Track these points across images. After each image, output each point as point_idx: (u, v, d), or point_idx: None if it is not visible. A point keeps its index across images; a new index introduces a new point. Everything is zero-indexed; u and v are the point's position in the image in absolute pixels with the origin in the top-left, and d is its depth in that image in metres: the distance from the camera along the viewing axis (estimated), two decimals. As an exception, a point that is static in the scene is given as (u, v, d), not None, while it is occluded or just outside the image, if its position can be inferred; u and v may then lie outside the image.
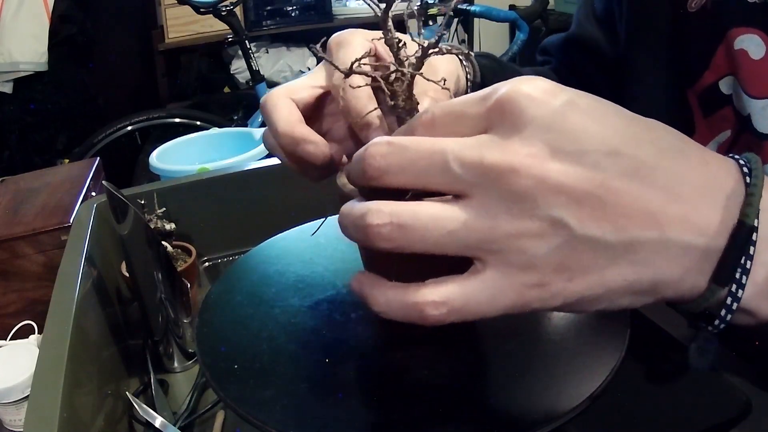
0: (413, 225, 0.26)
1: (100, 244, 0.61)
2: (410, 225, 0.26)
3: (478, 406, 0.31)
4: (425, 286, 0.26)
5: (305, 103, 0.39)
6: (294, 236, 0.49)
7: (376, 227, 0.26)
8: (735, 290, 0.26)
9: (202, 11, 1.95)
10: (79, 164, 0.98)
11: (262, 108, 0.39)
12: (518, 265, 0.25)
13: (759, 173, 0.27)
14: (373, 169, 0.26)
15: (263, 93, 2.10)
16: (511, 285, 0.26)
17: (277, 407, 0.32)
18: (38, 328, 0.66)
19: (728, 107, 0.50)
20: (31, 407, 0.38)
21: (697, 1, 0.51)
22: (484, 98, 0.27)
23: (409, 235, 0.26)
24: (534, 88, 0.26)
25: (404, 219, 0.26)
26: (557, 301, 0.26)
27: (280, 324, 0.38)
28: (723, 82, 0.50)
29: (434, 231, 0.26)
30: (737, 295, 0.26)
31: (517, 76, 0.27)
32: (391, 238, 0.26)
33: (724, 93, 0.50)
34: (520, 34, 2.11)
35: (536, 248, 0.25)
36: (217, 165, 1.01)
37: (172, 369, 0.60)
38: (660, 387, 0.42)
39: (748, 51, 0.48)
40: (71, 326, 0.45)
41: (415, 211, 0.26)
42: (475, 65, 0.55)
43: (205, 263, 0.75)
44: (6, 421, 0.57)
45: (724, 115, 0.51)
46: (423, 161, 0.26)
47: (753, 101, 0.48)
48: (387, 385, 0.34)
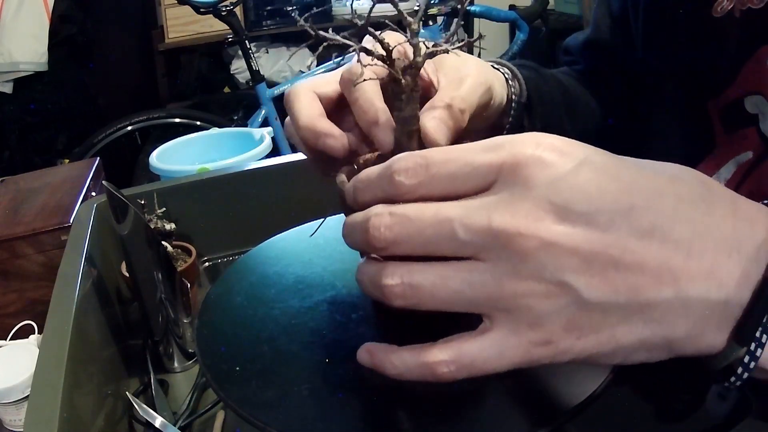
0: (423, 285, 0.26)
1: (100, 244, 0.61)
2: (420, 285, 0.26)
3: (479, 407, 0.31)
4: (435, 347, 0.27)
5: (328, 98, 0.39)
6: (294, 236, 0.49)
7: (389, 287, 0.27)
8: (754, 349, 0.25)
9: (202, 11, 1.95)
10: (79, 164, 0.98)
11: (286, 100, 0.39)
12: (526, 323, 0.26)
13: None
14: (379, 242, 0.27)
15: (263, 93, 2.10)
16: (519, 342, 0.26)
17: (278, 408, 0.32)
18: (38, 328, 0.66)
19: (752, 128, 0.47)
20: (31, 407, 0.38)
21: (723, 5, 0.47)
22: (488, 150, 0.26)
23: (419, 294, 0.27)
24: (546, 147, 0.25)
25: (415, 280, 0.26)
26: (566, 357, 0.26)
27: (280, 324, 0.38)
28: (748, 101, 0.46)
29: (442, 290, 0.26)
30: (755, 355, 0.25)
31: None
32: (404, 296, 0.27)
33: (749, 112, 0.47)
34: (520, 34, 2.11)
35: (543, 308, 0.25)
36: (217, 165, 1.01)
37: (172, 369, 0.60)
38: (660, 387, 0.42)
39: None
40: (71, 326, 0.45)
41: (424, 272, 0.26)
42: (522, 85, 0.51)
43: (205, 263, 0.75)
44: (6, 421, 0.57)
45: (747, 136, 0.47)
46: (429, 230, 0.26)
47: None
48: (387, 385, 0.34)
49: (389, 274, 0.27)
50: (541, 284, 0.25)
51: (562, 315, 0.25)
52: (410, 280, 0.27)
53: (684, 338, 0.26)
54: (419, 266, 0.27)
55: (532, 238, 0.24)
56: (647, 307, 0.25)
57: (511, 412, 0.31)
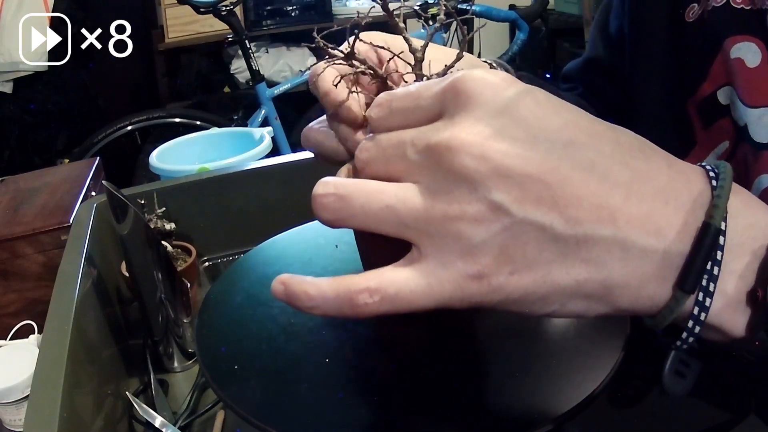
0: (354, 196, 0.26)
1: (100, 244, 0.61)
2: (351, 196, 0.26)
3: (478, 406, 0.31)
4: (356, 275, 0.26)
5: None
6: (294, 236, 0.49)
7: (319, 197, 0.26)
8: (702, 299, 0.25)
9: (202, 11, 1.95)
10: (79, 164, 0.98)
11: (310, 78, 0.39)
12: (455, 253, 0.24)
13: (727, 177, 0.25)
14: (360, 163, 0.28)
15: (263, 93, 2.11)
16: (449, 275, 0.24)
17: (277, 407, 0.32)
18: (38, 328, 0.66)
19: (726, 118, 0.49)
20: (31, 407, 0.38)
21: (694, 10, 0.50)
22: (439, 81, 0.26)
23: (349, 206, 0.26)
24: (491, 74, 0.25)
25: (348, 190, 0.26)
26: (499, 296, 0.25)
27: (280, 324, 0.38)
28: (721, 92, 0.49)
29: (374, 204, 0.25)
30: (705, 305, 0.25)
31: None
32: (332, 208, 0.26)
33: (722, 103, 0.50)
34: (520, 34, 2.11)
35: (474, 234, 0.24)
36: (217, 165, 1.00)
37: (172, 369, 0.60)
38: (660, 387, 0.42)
39: (744, 59, 0.47)
40: (71, 326, 0.45)
41: (359, 185, 0.26)
42: None
43: (205, 263, 0.75)
44: (6, 421, 0.57)
45: (723, 126, 0.50)
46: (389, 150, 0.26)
47: (749, 110, 0.47)
48: (387, 385, 0.34)
49: (322, 184, 0.26)
50: (472, 206, 0.24)
51: (494, 243, 0.24)
52: (342, 191, 0.26)
53: (622, 285, 0.24)
54: (354, 180, 0.26)
55: (465, 153, 0.24)
56: (584, 243, 0.24)
57: (511, 412, 0.31)
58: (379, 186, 0.26)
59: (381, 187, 0.26)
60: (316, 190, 0.26)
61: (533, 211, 0.23)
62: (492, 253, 0.24)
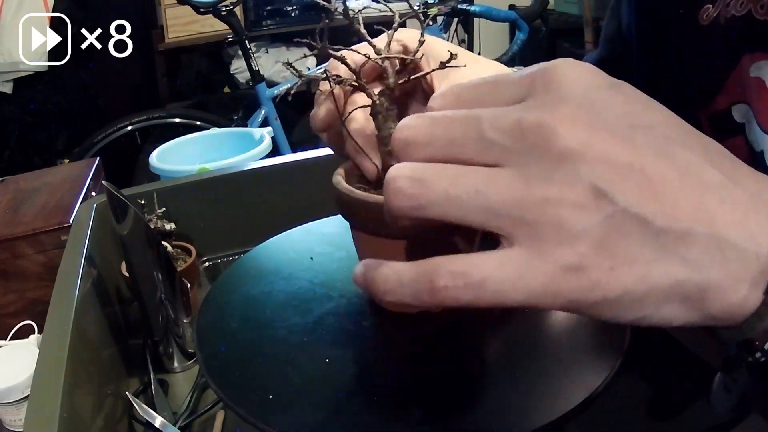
0: (437, 180, 0.23)
1: (100, 244, 0.61)
2: (433, 180, 0.23)
3: (479, 406, 0.31)
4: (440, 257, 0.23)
5: None
6: (294, 236, 0.49)
7: (394, 180, 0.23)
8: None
9: (202, 11, 1.95)
10: (79, 164, 0.98)
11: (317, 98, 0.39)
12: (553, 241, 0.22)
13: None
14: (400, 143, 0.24)
15: (263, 93, 2.10)
16: (544, 265, 0.22)
17: (277, 407, 0.32)
18: (38, 328, 0.66)
19: (741, 137, 0.46)
20: (31, 407, 0.38)
21: (709, 12, 0.46)
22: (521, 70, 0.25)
23: (430, 190, 0.23)
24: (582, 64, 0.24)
25: (428, 174, 0.23)
26: (595, 295, 0.22)
27: (280, 324, 0.38)
28: (736, 109, 0.46)
29: (460, 188, 0.22)
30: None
31: None
32: (409, 193, 0.23)
33: (737, 121, 0.46)
34: (520, 34, 2.11)
35: (575, 220, 0.22)
36: (217, 165, 1.01)
37: (172, 369, 0.60)
38: (660, 387, 0.42)
39: (765, 80, 0.42)
40: (71, 326, 0.45)
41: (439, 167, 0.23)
42: None
43: (205, 263, 0.75)
44: (6, 421, 0.57)
45: (737, 145, 0.46)
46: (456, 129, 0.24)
47: (767, 137, 0.43)
48: (387, 385, 0.34)
49: (397, 169, 0.23)
50: (576, 189, 0.22)
51: (596, 233, 0.22)
52: (422, 175, 0.23)
53: (717, 288, 0.23)
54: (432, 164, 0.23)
55: (568, 136, 0.22)
56: (683, 242, 0.22)
57: (511, 412, 0.31)
58: (463, 170, 0.23)
59: (465, 171, 0.23)
60: (391, 172, 0.23)
61: (637, 202, 0.22)
62: (592, 244, 0.22)
